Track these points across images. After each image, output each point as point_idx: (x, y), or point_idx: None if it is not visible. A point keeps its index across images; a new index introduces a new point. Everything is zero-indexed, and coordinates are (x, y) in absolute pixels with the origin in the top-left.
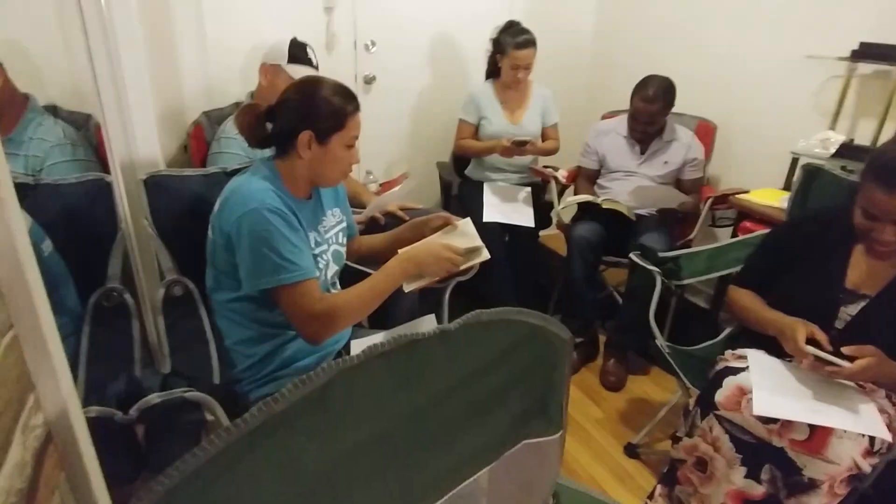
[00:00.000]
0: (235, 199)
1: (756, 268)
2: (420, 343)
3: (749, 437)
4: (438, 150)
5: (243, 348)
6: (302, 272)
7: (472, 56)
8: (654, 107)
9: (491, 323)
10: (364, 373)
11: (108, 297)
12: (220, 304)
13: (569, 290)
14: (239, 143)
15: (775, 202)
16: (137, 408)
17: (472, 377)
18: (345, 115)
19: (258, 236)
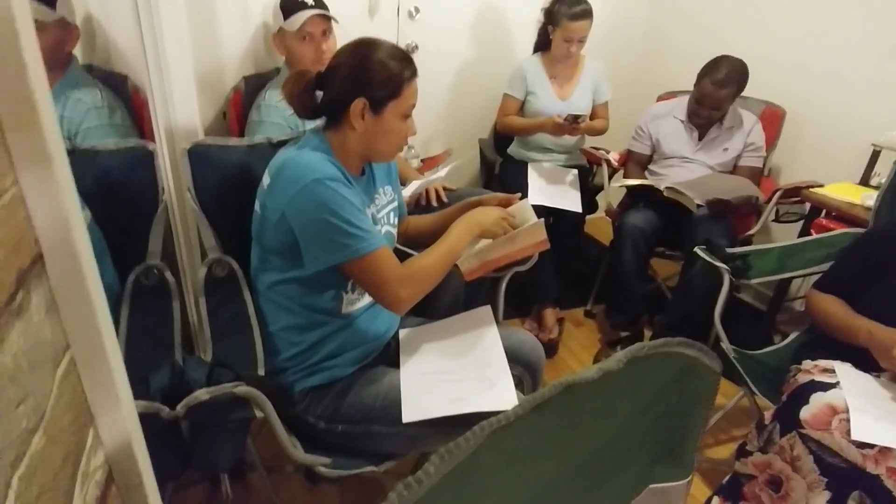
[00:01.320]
0: (289, 173)
1: (845, 272)
2: (580, 387)
3: (838, 461)
4: (480, 127)
5: (289, 335)
6: (376, 238)
7: (520, 27)
8: (725, 91)
9: (650, 357)
10: (514, 434)
11: (147, 275)
12: (266, 286)
13: (617, 282)
14: (281, 111)
15: (856, 199)
16: (185, 404)
17: (624, 426)
18: (401, 81)
19: (325, 208)
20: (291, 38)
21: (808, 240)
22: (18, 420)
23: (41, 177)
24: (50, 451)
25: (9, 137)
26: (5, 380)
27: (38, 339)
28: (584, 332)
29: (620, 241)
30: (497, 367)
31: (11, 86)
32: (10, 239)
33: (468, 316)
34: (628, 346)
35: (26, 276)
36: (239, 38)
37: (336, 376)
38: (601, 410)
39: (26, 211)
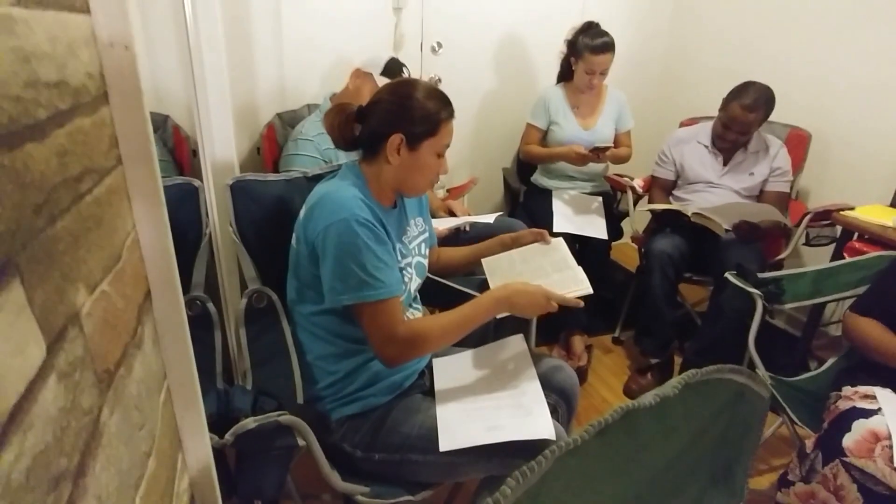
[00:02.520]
0: (324, 207)
1: (885, 296)
2: (638, 413)
3: (882, 488)
4: (503, 155)
5: (326, 364)
6: (387, 290)
7: (542, 58)
8: (753, 116)
9: (703, 383)
10: (580, 458)
11: (191, 306)
12: (303, 316)
13: (646, 308)
14: (315, 145)
15: (888, 221)
16: (233, 432)
17: (681, 451)
18: (438, 120)
19: (345, 249)
20: (371, 86)
21: (843, 263)
22: (139, 443)
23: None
24: (159, 473)
25: (128, 173)
26: (131, 407)
27: (150, 368)
28: (612, 358)
29: (649, 267)
30: (532, 394)
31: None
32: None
33: (501, 344)
34: (658, 373)
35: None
36: (273, 75)
37: (372, 405)
38: (659, 436)
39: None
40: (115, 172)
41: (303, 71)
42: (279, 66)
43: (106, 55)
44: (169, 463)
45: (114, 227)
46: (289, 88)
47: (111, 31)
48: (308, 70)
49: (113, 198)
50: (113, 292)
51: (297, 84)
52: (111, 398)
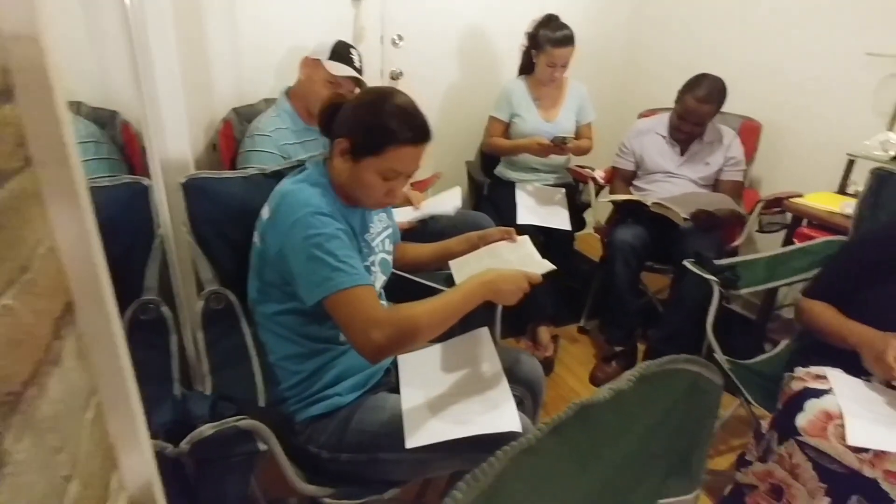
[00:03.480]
0: (288, 206)
1: (835, 279)
2: (593, 408)
3: (836, 466)
4: (467, 149)
5: (290, 364)
6: (361, 276)
7: (504, 51)
8: (707, 107)
9: (658, 375)
10: (535, 456)
11: (144, 310)
12: (265, 317)
13: (610, 298)
14: (273, 141)
15: (836, 207)
16: (189, 440)
17: (638, 443)
18: (387, 141)
19: (313, 242)
20: (322, 73)
21: (794, 249)
22: (57, 468)
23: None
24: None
25: (42, 175)
26: (46, 430)
27: (72, 385)
28: (579, 348)
29: (611, 257)
30: (498, 387)
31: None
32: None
33: (466, 338)
34: (623, 361)
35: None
36: (229, 69)
37: (338, 404)
38: (616, 429)
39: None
40: (22, 175)
41: (259, 65)
42: (235, 59)
43: (10, 49)
44: (99, 484)
45: (20, 235)
46: (245, 83)
47: (15, 22)
48: (265, 64)
49: (19, 202)
50: (19, 306)
51: (254, 78)
52: (17, 422)
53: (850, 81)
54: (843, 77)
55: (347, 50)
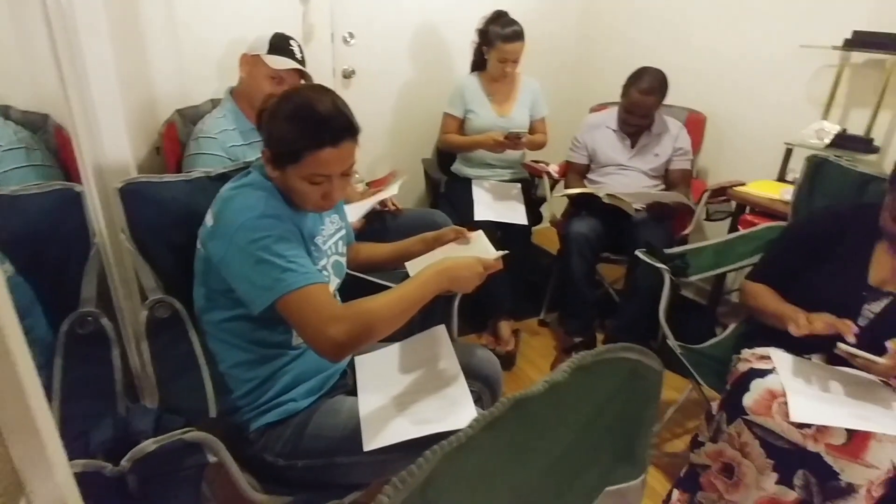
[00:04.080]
0: (231, 211)
1: (775, 263)
2: (528, 401)
3: (782, 443)
4: (423, 147)
5: (240, 372)
6: (313, 275)
7: (457, 47)
8: (651, 99)
9: (595, 364)
10: (469, 454)
11: (82, 323)
12: (213, 324)
13: (568, 290)
14: (219, 143)
15: (776, 194)
16: (130, 457)
17: (578, 434)
18: (300, 147)
19: (259, 245)
20: (263, 69)
21: (737, 235)
22: None
23: None
24: None
25: None
26: None
27: None
28: (540, 341)
29: (567, 250)
30: (455, 385)
31: None
32: None
33: (423, 336)
34: (582, 351)
35: None
36: (171, 69)
37: (293, 410)
38: (554, 421)
39: None
40: None
41: (203, 65)
42: (177, 60)
43: None
44: None
45: None
46: (189, 83)
47: None
48: (209, 64)
49: None
50: None
51: (198, 78)
52: None
53: (786, 73)
54: (780, 69)
55: (286, 42)
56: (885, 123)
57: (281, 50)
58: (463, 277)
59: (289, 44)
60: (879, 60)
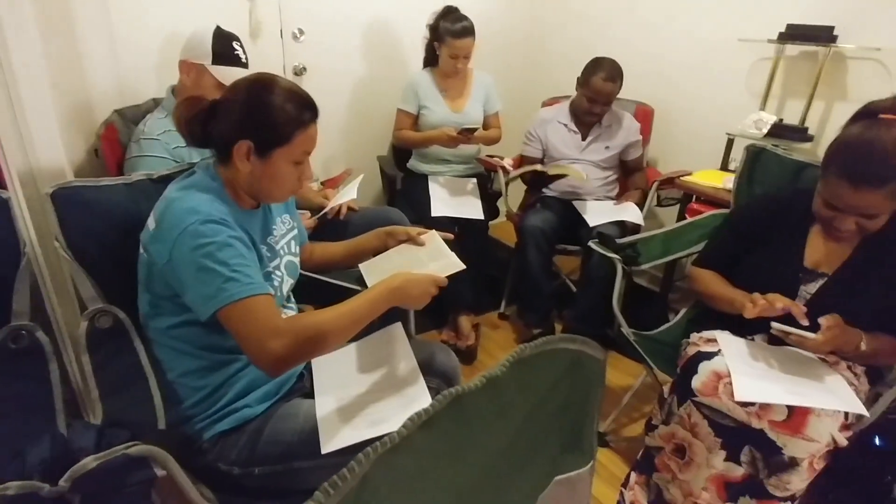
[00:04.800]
0: (174, 215)
1: (718, 249)
2: (466, 398)
3: (728, 422)
4: (378, 144)
5: (191, 380)
6: (257, 286)
7: (410, 42)
8: (612, 85)
9: (535, 357)
10: (405, 454)
11: (15, 338)
12: (160, 332)
13: (525, 282)
14: (162, 144)
15: (719, 183)
16: (69, 477)
17: (521, 426)
18: (292, 127)
19: (203, 252)
20: (209, 80)
21: (685, 223)
22: None
23: None
24: None
25: None
26: None
27: None
28: (500, 334)
29: (524, 243)
30: (413, 383)
31: None
32: None
33: (380, 335)
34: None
35: None
36: (108, 67)
37: (248, 416)
38: (493, 416)
39: None
40: None
41: (144, 61)
42: (115, 56)
43: None
44: None
45: None
46: (129, 81)
47: None
48: (150, 60)
49: None
50: None
51: (138, 76)
52: None
53: (726, 66)
54: (720, 62)
55: (230, 47)
56: (818, 113)
57: (226, 58)
58: (414, 296)
59: (233, 49)
60: (812, 52)
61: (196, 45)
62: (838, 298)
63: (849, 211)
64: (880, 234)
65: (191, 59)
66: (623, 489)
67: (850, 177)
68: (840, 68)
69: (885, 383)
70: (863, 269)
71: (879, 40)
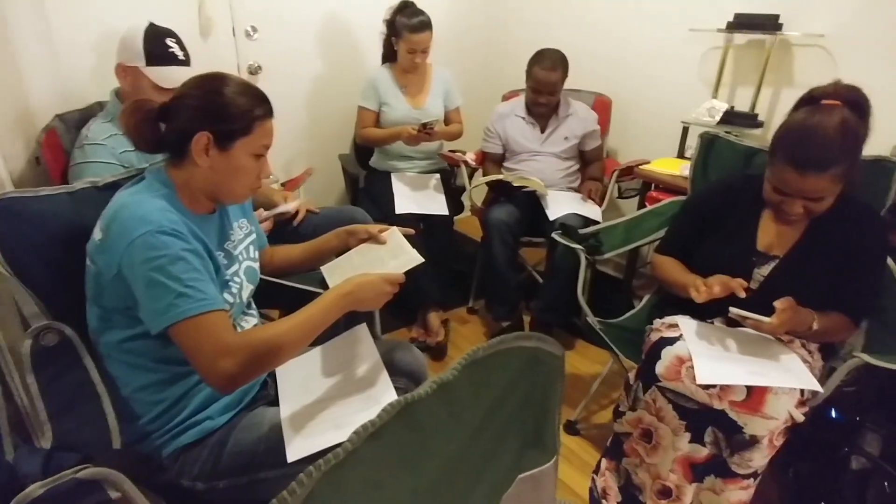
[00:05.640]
0: (122, 224)
1: (677, 235)
2: (416, 405)
3: (692, 404)
4: (340, 142)
5: (148, 395)
6: (210, 301)
7: (367, 39)
8: (555, 74)
9: (489, 358)
10: (354, 467)
11: None
12: (112, 346)
13: (492, 276)
14: (108, 149)
15: (677, 171)
16: None
17: (478, 428)
18: (252, 118)
19: (154, 265)
20: (146, 81)
21: (645, 212)
22: None
23: None
24: None
25: None
26: None
27: None
28: (469, 329)
29: (489, 237)
30: (379, 384)
31: None
32: None
33: (344, 337)
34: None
35: None
36: (45, 71)
37: (209, 429)
38: (448, 420)
39: None
40: None
41: (87, 63)
42: (55, 58)
43: None
44: None
45: None
46: (72, 84)
47: None
48: (93, 62)
49: None
50: None
51: (83, 79)
52: None
53: (679, 56)
54: (673, 52)
55: (163, 45)
56: (767, 99)
57: (161, 58)
58: (368, 298)
59: (167, 46)
60: (759, 41)
61: (128, 47)
62: (790, 279)
63: (796, 195)
64: (827, 215)
65: (125, 63)
66: (594, 476)
67: (795, 162)
68: (786, 55)
69: (838, 357)
70: (812, 251)
71: (823, 27)
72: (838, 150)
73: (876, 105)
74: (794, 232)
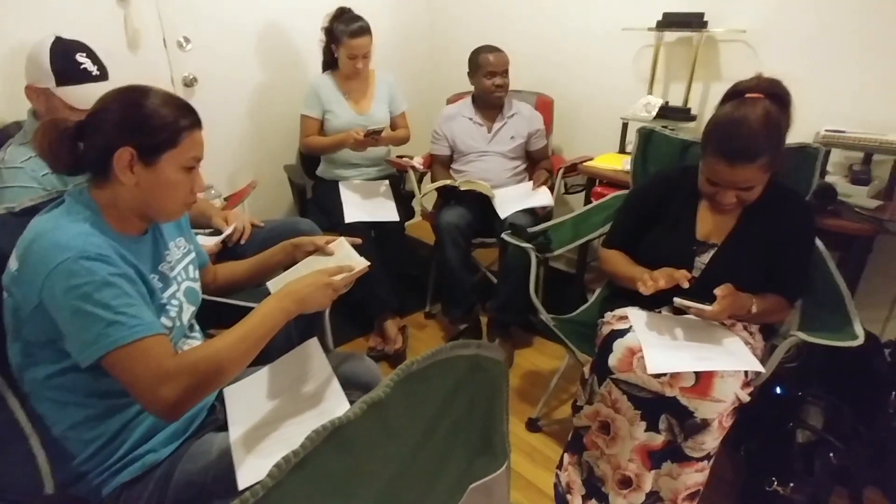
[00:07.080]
0: (40, 252)
1: (621, 229)
2: (345, 429)
3: (645, 393)
4: (285, 152)
5: (81, 432)
6: (144, 326)
7: (305, 46)
8: (504, 56)
9: (424, 370)
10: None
11: None
12: (38, 383)
13: (447, 279)
14: (27, 172)
15: (619, 166)
16: None
17: (418, 444)
18: (179, 129)
19: (79, 294)
20: (58, 101)
21: (590, 207)
22: None
23: None
24: None
25: None
26: None
27: None
28: (427, 333)
29: (441, 241)
30: (333, 398)
31: None
32: None
33: (295, 353)
34: (470, 336)
35: None
36: None
37: (152, 462)
38: (384, 439)
39: None
40: None
41: (1, 81)
42: None
43: None
44: None
45: None
46: None
47: None
48: (8, 80)
49: None
50: None
51: None
52: None
53: (614, 54)
54: (609, 51)
55: (73, 63)
56: (698, 93)
57: (72, 76)
58: (310, 296)
59: (77, 62)
60: (687, 38)
61: (35, 67)
62: (728, 266)
63: (728, 185)
64: (759, 203)
65: (34, 84)
66: (558, 471)
67: (724, 154)
68: (713, 51)
69: (779, 335)
70: (747, 237)
71: (744, 23)
72: (764, 141)
73: (796, 95)
74: (729, 220)
